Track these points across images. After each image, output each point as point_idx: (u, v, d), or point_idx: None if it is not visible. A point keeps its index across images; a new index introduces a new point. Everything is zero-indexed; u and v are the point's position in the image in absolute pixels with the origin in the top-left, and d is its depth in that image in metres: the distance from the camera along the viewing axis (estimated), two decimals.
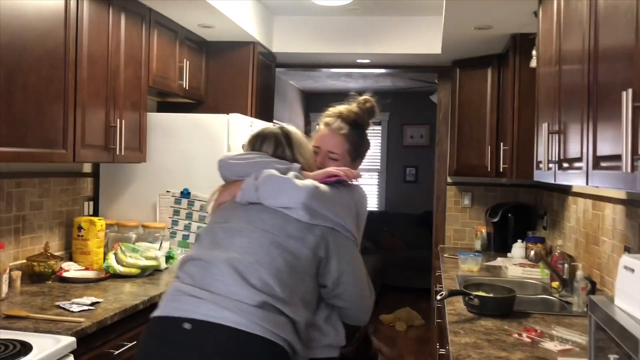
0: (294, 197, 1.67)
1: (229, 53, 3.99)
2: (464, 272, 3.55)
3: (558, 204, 3.74)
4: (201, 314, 1.56)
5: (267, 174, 1.73)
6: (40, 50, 2.33)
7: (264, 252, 1.64)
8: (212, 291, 1.59)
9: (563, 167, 2.04)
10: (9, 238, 2.73)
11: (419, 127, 8.45)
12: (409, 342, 5.40)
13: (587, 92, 1.73)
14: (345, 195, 1.80)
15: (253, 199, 1.74)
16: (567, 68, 2.07)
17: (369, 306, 1.84)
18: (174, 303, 1.62)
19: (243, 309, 1.55)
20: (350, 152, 2.00)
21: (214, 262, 1.65)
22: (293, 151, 1.87)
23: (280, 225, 1.68)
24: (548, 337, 2.21)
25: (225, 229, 1.73)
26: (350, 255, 1.75)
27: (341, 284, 1.73)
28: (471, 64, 4.23)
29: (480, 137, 4.12)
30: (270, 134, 1.90)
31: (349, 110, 2.01)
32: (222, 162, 1.88)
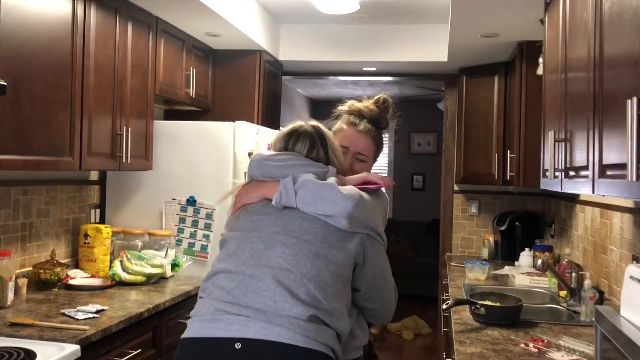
0: (339, 205, 1.61)
1: (235, 61, 4.00)
2: (470, 280, 3.53)
3: (566, 213, 3.72)
4: (253, 333, 1.49)
5: (307, 179, 1.66)
6: (47, 58, 2.35)
7: (311, 265, 1.58)
8: (259, 308, 1.52)
9: (569, 176, 2.02)
10: (16, 245, 2.74)
11: (427, 134, 8.43)
12: (415, 351, 5.37)
13: (592, 100, 1.72)
14: (378, 202, 1.77)
15: (291, 204, 1.65)
16: (572, 76, 2.06)
17: (395, 305, 1.85)
18: (216, 323, 1.53)
19: (296, 324, 1.51)
20: (375, 154, 1.98)
21: (257, 277, 1.57)
22: (328, 153, 1.80)
23: (322, 235, 1.63)
24: (555, 347, 2.19)
25: (262, 237, 1.64)
26: (382, 261, 1.74)
27: (374, 288, 1.72)
28: (478, 72, 4.22)
29: (487, 145, 4.11)
30: (304, 133, 1.80)
31: (370, 109, 1.97)
32: (255, 162, 1.80)
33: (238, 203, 1.78)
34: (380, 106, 1.99)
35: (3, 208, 2.65)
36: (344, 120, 1.97)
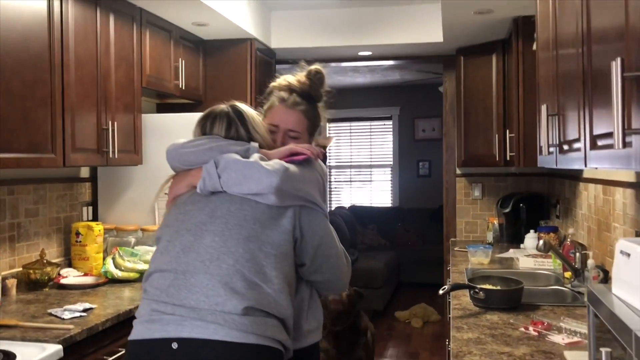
0: (264, 182, 1.54)
1: (226, 51, 3.93)
2: (474, 265, 3.45)
3: (570, 191, 3.62)
4: (188, 332, 1.45)
5: (229, 159, 1.59)
6: (23, 53, 2.28)
7: (242, 249, 1.52)
8: (192, 306, 1.47)
9: (563, 150, 1.93)
10: (4, 246, 2.69)
11: (431, 120, 8.31)
12: (424, 339, 5.29)
13: (582, 75, 1.64)
14: (311, 171, 1.69)
15: (217, 188, 1.59)
16: (563, 52, 1.98)
17: (347, 273, 1.78)
18: (153, 324, 1.49)
19: (230, 320, 1.45)
20: (309, 129, 1.87)
21: (189, 273, 1.51)
22: (248, 130, 1.73)
23: (252, 216, 1.56)
24: (556, 329, 2.10)
25: (191, 229, 1.58)
26: (323, 228, 1.67)
27: (318, 258, 1.65)
28: (475, 52, 4.11)
29: (487, 126, 4.01)
30: (220, 113, 1.73)
31: (301, 82, 1.86)
32: (171, 151, 1.73)
33: (169, 196, 1.72)
34: (313, 78, 1.87)
35: None
36: (274, 96, 1.88)
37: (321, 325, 1.79)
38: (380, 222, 7.86)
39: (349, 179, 8.80)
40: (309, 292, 1.72)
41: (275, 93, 1.89)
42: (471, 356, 1.84)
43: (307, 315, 1.71)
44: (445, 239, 4.73)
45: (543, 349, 1.90)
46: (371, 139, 8.68)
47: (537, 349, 1.90)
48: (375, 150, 8.66)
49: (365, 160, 8.69)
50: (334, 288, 1.78)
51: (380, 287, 6.09)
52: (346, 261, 1.77)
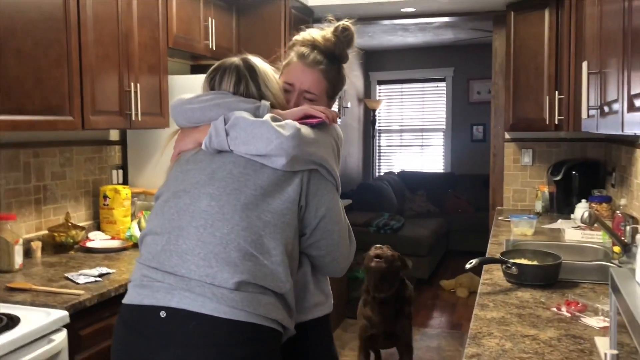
0: (274, 142, 1.42)
1: (259, 10, 3.78)
2: (516, 236, 3.24)
3: (626, 159, 3.33)
4: (177, 302, 1.38)
5: (239, 116, 1.47)
6: (35, 12, 2.22)
7: (239, 216, 1.41)
8: (182, 275, 1.40)
9: (604, 113, 1.72)
10: (29, 209, 2.70)
11: (486, 81, 7.87)
12: (469, 309, 5.11)
13: (622, 32, 1.43)
14: (325, 136, 1.55)
15: (223, 146, 1.48)
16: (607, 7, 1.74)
17: (347, 256, 1.62)
18: (144, 290, 1.43)
19: (219, 294, 1.36)
20: (328, 91, 1.71)
21: (182, 238, 1.43)
22: (259, 87, 1.59)
23: (254, 181, 1.45)
24: (592, 311, 1.91)
25: (189, 190, 1.48)
26: (330, 200, 1.53)
27: (319, 230, 1.52)
28: (527, 6, 3.79)
29: (538, 88, 3.71)
30: (230, 67, 1.61)
31: (326, 39, 1.68)
32: (175, 107, 1.63)
33: (174, 151, 1.61)
34: (339, 35, 1.69)
35: (12, 171, 2.61)
36: (295, 52, 1.71)
37: (330, 298, 1.69)
38: (430, 188, 7.63)
39: (399, 144, 8.57)
40: (310, 263, 1.61)
41: (295, 48, 1.73)
42: (490, 338, 1.69)
43: (312, 288, 1.61)
44: (491, 208, 4.50)
45: (573, 333, 1.72)
46: (423, 102, 8.38)
47: (566, 333, 1.72)
48: (427, 114, 8.37)
49: (417, 124, 8.42)
50: (328, 269, 1.62)
51: (425, 255, 5.93)
52: (350, 243, 1.63)
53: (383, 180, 7.32)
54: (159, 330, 1.39)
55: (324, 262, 1.59)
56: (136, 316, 1.44)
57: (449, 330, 4.69)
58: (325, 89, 1.70)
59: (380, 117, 8.53)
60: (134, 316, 1.45)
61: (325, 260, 1.58)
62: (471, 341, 1.66)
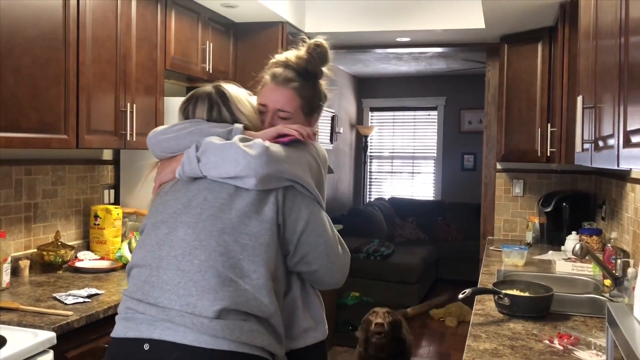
0: (241, 163, 1.42)
1: (257, 35, 3.81)
2: (507, 266, 3.25)
3: (616, 192, 3.35)
4: (159, 334, 1.37)
5: (209, 142, 1.48)
6: (35, 30, 2.22)
7: (215, 242, 1.41)
8: (164, 306, 1.39)
9: (598, 147, 1.73)
10: (19, 226, 2.67)
11: (478, 111, 7.98)
12: (458, 339, 5.09)
13: (618, 67, 1.45)
14: (303, 153, 1.55)
15: (196, 172, 1.48)
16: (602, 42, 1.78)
17: (341, 266, 1.59)
18: (129, 322, 1.43)
19: (201, 324, 1.35)
20: (303, 108, 1.69)
21: (162, 269, 1.43)
22: (232, 110, 1.61)
23: (229, 205, 1.44)
24: (584, 344, 1.91)
25: (167, 221, 1.48)
26: (309, 213, 1.51)
27: (303, 246, 1.50)
28: (520, 39, 3.86)
29: (530, 120, 3.76)
30: (202, 95, 1.63)
31: (298, 57, 1.68)
32: (150, 139, 1.64)
33: (155, 184, 1.62)
34: (312, 52, 1.68)
35: (4, 188, 2.58)
36: (268, 74, 1.72)
37: (322, 323, 1.65)
38: (420, 216, 7.64)
39: (390, 170, 8.60)
40: (299, 286, 1.59)
41: (269, 70, 1.73)
42: None
43: (301, 313, 1.58)
44: (481, 237, 4.51)
45: None
46: (415, 130, 8.45)
47: None
48: (418, 141, 8.43)
49: (408, 151, 8.47)
50: (324, 282, 1.60)
51: (414, 283, 5.91)
52: (342, 251, 1.60)
53: (373, 206, 7.33)
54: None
55: (318, 277, 1.57)
56: (121, 349, 1.44)
57: None
58: (300, 106, 1.68)
59: (372, 143, 8.58)
60: (119, 349, 1.45)
61: (319, 274, 1.56)
62: None
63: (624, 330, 0.96)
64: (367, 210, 7.12)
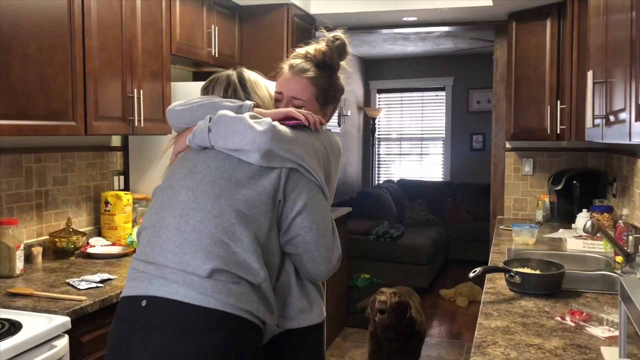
0: (248, 137, 1.48)
1: (262, 17, 3.79)
2: (517, 245, 3.24)
3: (627, 169, 3.33)
4: (155, 291, 1.44)
5: (222, 114, 1.55)
6: (40, 17, 2.22)
7: (211, 205, 1.47)
8: (161, 264, 1.47)
9: (609, 122, 1.72)
10: (31, 214, 2.69)
11: (486, 91, 7.93)
12: (469, 318, 5.11)
13: (630, 42, 1.43)
14: (312, 139, 1.60)
15: (205, 142, 1.55)
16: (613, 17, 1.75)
17: (327, 259, 1.60)
18: (132, 282, 1.52)
19: (192, 281, 1.42)
20: (317, 97, 1.76)
21: (163, 228, 1.51)
22: (247, 92, 1.69)
23: (229, 173, 1.51)
24: (596, 320, 1.91)
25: (172, 185, 1.56)
26: (310, 197, 1.55)
27: (294, 226, 1.53)
28: (528, 16, 3.81)
29: (539, 97, 3.73)
30: (222, 76, 1.74)
31: (317, 49, 1.76)
32: (169, 111, 1.73)
33: (172, 153, 1.70)
34: (331, 45, 1.75)
35: (14, 176, 2.60)
36: (286, 64, 1.79)
37: (318, 307, 1.66)
38: (429, 197, 7.63)
39: (398, 152, 8.58)
40: (294, 267, 1.62)
41: (288, 61, 1.81)
42: (495, 347, 1.68)
43: (296, 293, 1.61)
44: (491, 217, 4.50)
45: (578, 343, 1.71)
46: (423, 111, 8.40)
47: (571, 342, 1.71)
48: (427, 123, 8.39)
49: (417, 133, 8.43)
50: (307, 270, 1.60)
51: (425, 264, 5.91)
52: (332, 247, 1.62)
53: (382, 189, 7.32)
54: (139, 318, 1.45)
55: (301, 262, 1.59)
56: (124, 307, 1.52)
57: (449, 340, 4.67)
58: (314, 95, 1.75)
59: (380, 125, 8.54)
60: (122, 307, 1.53)
61: (302, 259, 1.58)
62: (476, 350, 1.66)
63: (638, 304, 0.95)
64: (376, 193, 7.11)
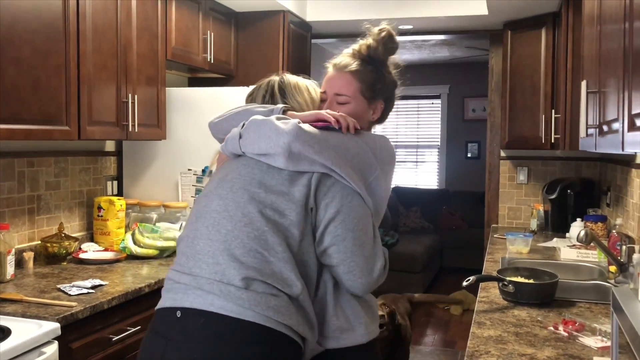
0: (273, 140, 1.44)
1: (258, 24, 3.79)
2: (511, 254, 3.24)
3: (621, 178, 3.33)
4: (190, 302, 1.41)
5: (252, 119, 1.53)
6: (35, 21, 2.21)
7: (241, 213, 1.44)
8: (196, 274, 1.44)
9: (603, 132, 1.72)
10: (23, 218, 2.68)
11: (482, 99, 7.94)
12: (463, 327, 5.10)
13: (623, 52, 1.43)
14: (347, 141, 1.52)
15: (236, 149, 1.53)
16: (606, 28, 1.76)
17: (368, 270, 1.49)
18: (168, 293, 1.49)
19: (229, 292, 1.37)
20: (363, 92, 1.67)
21: (197, 239, 1.48)
22: (286, 97, 1.65)
23: (259, 180, 1.47)
24: (589, 330, 1.90)
25: (208, 194, 1.55)
26: (344, 204, 1.46)
27: (327, 235, 1.45)
28: (523, 25, 3.83)
29: (534, 106, 3.74)
30: (264, 83, 1.71)
31: (362, 44, 1.69)
32: (210, 124, 1.71)
33: (218, 163, 1.67)
34: (376, 38, 1.68)
35: (6, 180, 2.58)
36: (330, 63, 1.73)
37: (362, 326, 1.53)
38: (424, 205, 7.63)
39: None
40: (332, 282, 1.52)
41: (332, 60, 1.74)
42: (487, 356, 1.67)
43: (332, 310, 1.51)
44: (486, 225, 4.50)
45: (570, 353, 1.71)
46: (418, 118, 8.41)
47: (564, 352, 1.71)
48: (422, 130, 8.40)
49: (412, 140, 8.44)
50: (346, 282, 1.49)
51: (419, 272, 5.91)
52: (373, 257, 1.52)
53: None
54: (175, 329, 1.42)
55: (338, 274, 1.49)
56: (160, 319, 1.49)
57: (442, 348, 4.66)
58: (359, 90, 1.67)
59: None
60: (157, 319, 1.50)
61: (339, 271, 1.48)
62: (469, 359, 1.65)
63: (630, 315, 0.95)
64: None
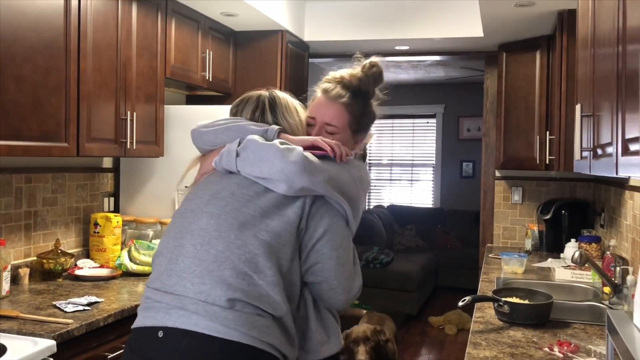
0: (277, 167, 1.43)
1: (257, 43, 3.83)
2: (506, 274, 3.25)
3: (615, 200, 3.36)
4: (173, 322, 1.39)
5: (250, 138, 1.50)
6: (36, 39, 2.23)
7: (234, 235, 1.42)
8: (179, 294, 1.41)
9: (597, 155, 1.74)
10: (19, 234, 2.67)
11: (477, 119, 8.01)
12: (457, 346, 5.08)
13: (616, 75, 1.46)
14: (342, 172, 1.54)
15: (231, 166, 1.51)
16: (599, 51, 1.79)
17: (347, 288, 1.55)
18: (147, 312, 1.46)
19: (214, 312, 1.37)
20: (351, 125, 1.70)
21: (181, 256, 1.45)
22: (276, 115, 1.63)
23: (255, 202, 1.46)
24: (584, 352, 1.91)
25: (193, 210, 1.51)
26: (332, 224, 1.50)
27: (314, 253, 1.49)
28: (518, 48, 3.88)
29: (529, 127, 3.78)
30: (253, 97, 1.67)
31: (352, 75, 1.71)
32: (193, 132, 1.68)
33: (197, 174, 1.65)
34: (367, 72, 1.71)
35: (4, 196, 2.59)
36: (320, 88, 1.73)
37: (335, 336, 1.61)
38: (419, 223, 7.64)
39: (389, 178, 8.61)
40: (311, 298, 1.56)
41: (322, 85, 1.75)
42: None
43: (315, 326, 1.55)
44: (481, 244, 4.51)
45: None
46: (413, 137, 8.46)
47: None
48: (417, 149, 8.44)
49: (407, 159, 8.48)
50: (326, 299, 1.56)
51: (413, 291, 5.90)
52: (354, 275, 1.57)
53: (372, 214, 7.32)
54: (157, 350, 1.40)
55: (320, 291, 1.53)
56: (138, 338, 1.46)
57: None
58: (348, 122, 1.70)
59: (371, 150, 8.59)
60: (136, 339, 1.47)
61: (321, 288, 1.52)
62: None
63: (624, 337, 0.96)
64: (366, 218, 7.11)
